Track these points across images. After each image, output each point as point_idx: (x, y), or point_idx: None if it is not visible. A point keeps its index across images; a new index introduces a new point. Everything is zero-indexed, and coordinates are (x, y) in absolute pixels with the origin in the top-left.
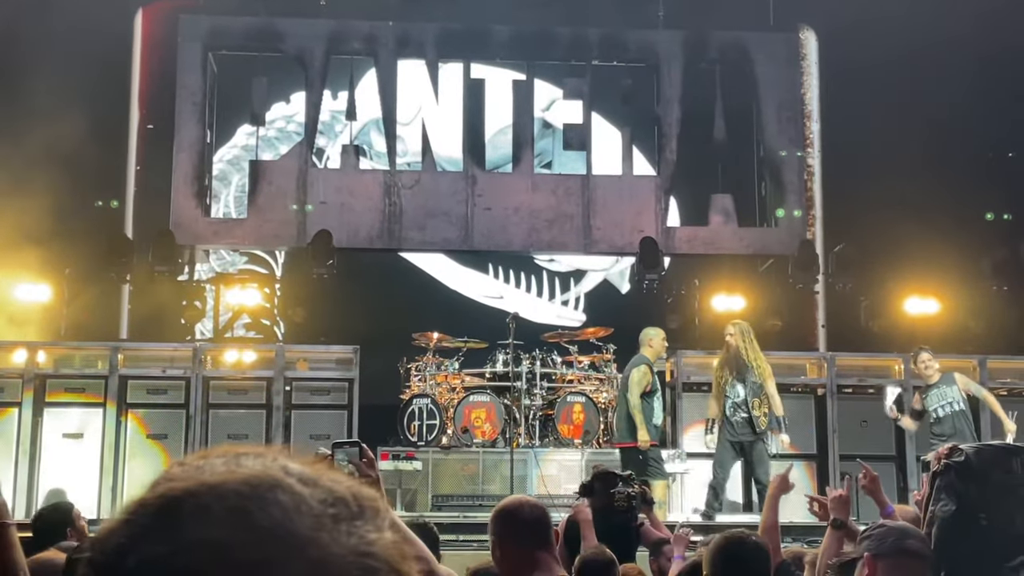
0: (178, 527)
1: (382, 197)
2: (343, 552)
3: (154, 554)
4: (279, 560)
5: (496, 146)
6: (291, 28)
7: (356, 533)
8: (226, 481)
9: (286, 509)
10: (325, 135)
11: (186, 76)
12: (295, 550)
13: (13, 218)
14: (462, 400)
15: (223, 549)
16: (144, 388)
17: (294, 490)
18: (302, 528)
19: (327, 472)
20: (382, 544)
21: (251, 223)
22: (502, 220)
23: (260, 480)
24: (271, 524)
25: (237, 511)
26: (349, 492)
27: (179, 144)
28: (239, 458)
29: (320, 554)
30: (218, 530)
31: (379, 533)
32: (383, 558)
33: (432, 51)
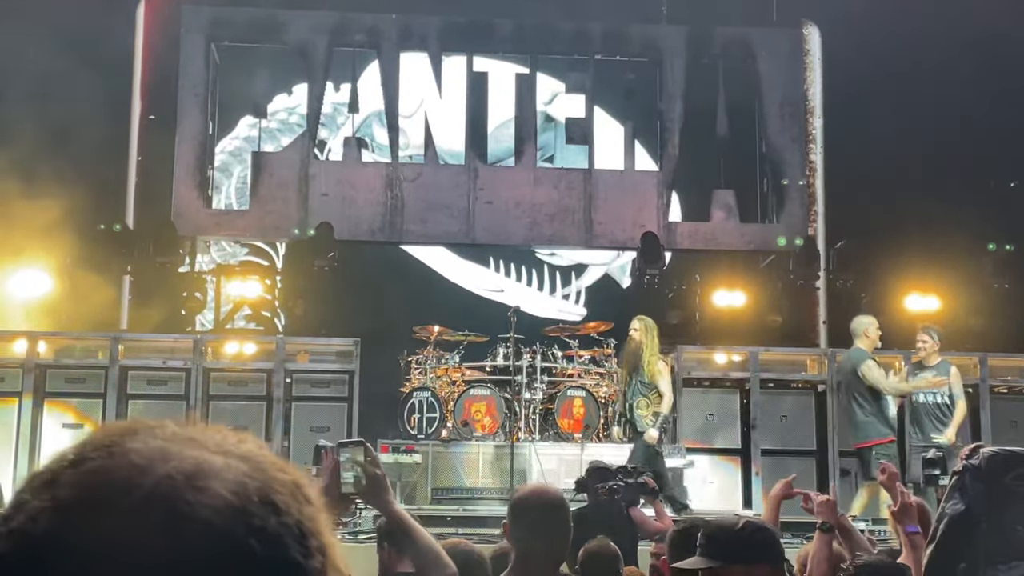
0: (54, 476)
1: (384, 190)
2: (227, 457)
3: (31, 506)
4: (152, 467)
5: (498, 139)
6: (294, 20)
7: (240, 449)
8: (102, 432)
9: (161, 437)
10: (327, 127)
11: (188, 67)
12: (169, 457)
13: (13, 208)
14: (462, 393)
15: (97, 473)
16: (144, 379)
17: (171, 426)
18: (177, 446)
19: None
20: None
21: (252, 215)
22: (504, 214)
23: (137, 424)
24: (143, 446)
25: (108, 445)
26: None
27: (181, 135)
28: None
29: (192, 463)
30: (91, 463)
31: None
32: (259, 485)
33: (435, 44)
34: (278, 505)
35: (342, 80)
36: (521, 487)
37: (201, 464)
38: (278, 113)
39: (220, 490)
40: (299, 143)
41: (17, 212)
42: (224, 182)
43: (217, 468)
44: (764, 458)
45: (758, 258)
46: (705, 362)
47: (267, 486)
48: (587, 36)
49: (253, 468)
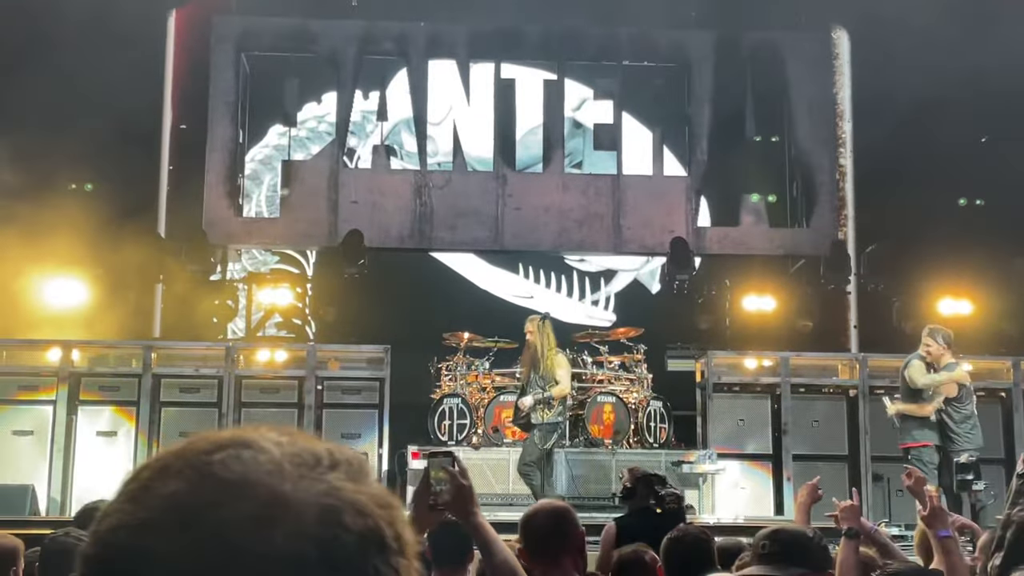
0: (144, 488)
1: (413, 197)
2: (302, 494)
3: (121, 514)
4: (228, 502)
5: (526, 146)
6: (323, 29)
7: (322, 479)
8: (196, 445)
9: (245, 461)
10: (356, 135)
11: (219, 77)
12: (246, 492)
13: (47, 218)
14: (492, 399)
15: (176, 498)
16: (177, 387)
17: (260, 446)
18: (258, 474)
19: (314, 438)
20: (350, 490)
21: (283, 223)
22: (532, 220)
23: (227, 440)
24: (225, 473)
25: (195, 465)
26: (326, 450)
27: (212, 144)
28: (224, 430)
29: (273, 495)
30: (175, 483)
31: (352, 483)
32: (348, 500)
33: (463, 51)
34: (350, 544)
35: (371, 88)
36: (531, 507)
37: (276, 500)
38: (308, 121)
39: (286, 534)
40: (328, 151)
41: (51, 222)
42: (255, 190)
43: (292, 505)
44: (795, 463)
45: (788, 263)
46: (735, 367)
47: (344, 515)
48: (615, 42)
49: (333, 496)
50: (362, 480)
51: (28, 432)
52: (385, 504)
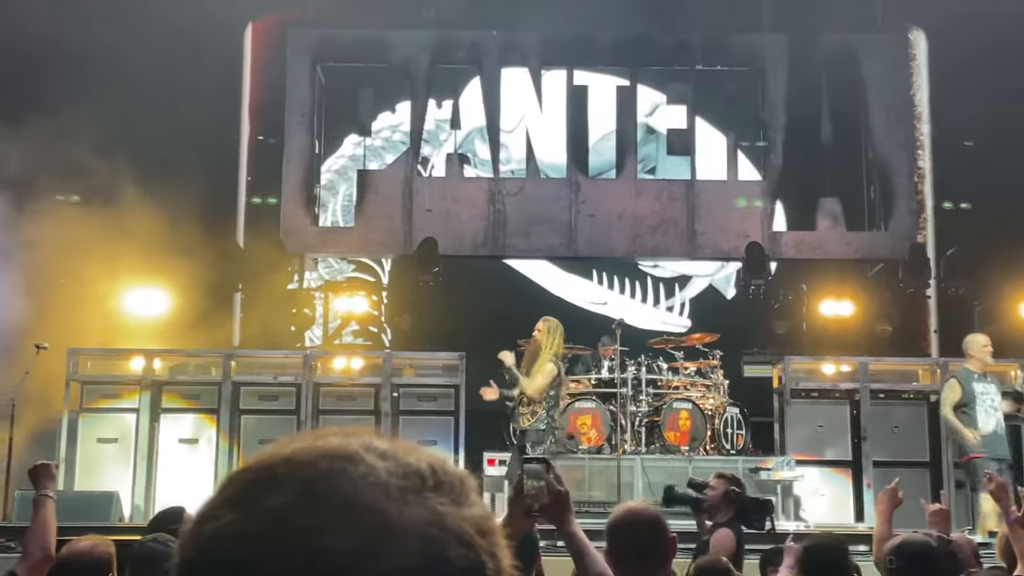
0: (250, 496)
1: (486, 204)
2: (405, 521)
3: (225, 521)
4: (333, 526)
5: (599, 152)
6: (396, 39)
7: (426, 504)
8: (303, 454)
9: (353, 480)
10: (430, 144)
11: (295, 88)
12: (352, 517)
13: (130, 229)
14: (568, 406)
15: (283, 515)
16: (256, 395)
17: (366, 462)
18: (363, 497)
19: (416, 449)
20: (454, 516)
21: (358, 231)
22: (606, 226)
23: (334, 453)
24: (333, 493)
25: (302, 479)
26: (429, 467)
27: (288, 155)
28: (327, 435)
29: (378, 521)
30: (283, 498)
31: (455, 506)
32: (451, 529)
33: (535, 59)
34: (453, 559)
35: (444, 97)
36: (615, 510)
37: (380, 528)
38: (382, 131)
39: (388, 566)
40: (403, 160)
41: (134, 233)
42: (330, 200)
43: (395, 534)
44: (876, 470)
45: (866, 267)
46: (813, 373)
47: (447, 548)
48: (688, 47)
49: (436, 525)
50: (465, 502)
51: (112, 440)
52: (487, 531)
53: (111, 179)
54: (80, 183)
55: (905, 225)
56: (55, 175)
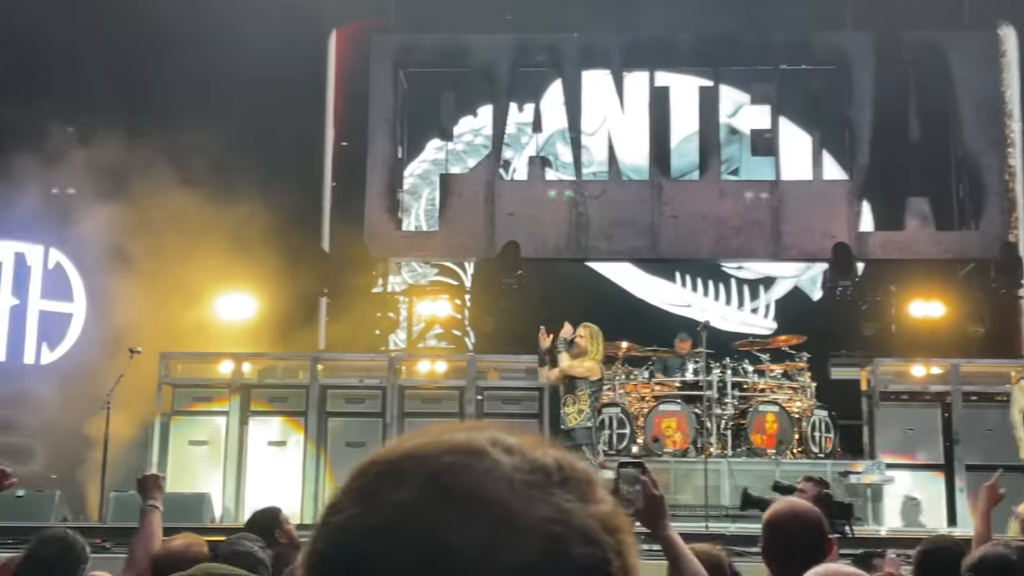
0: (375, 490)
1: (569, 207)
2: (530, 517)
3: (350, 513)
4: (458, 521)
5: (682, 154)
6: (477, 43)
7: (551, 500)
8: (428, 448)
9: (477, 474)
10: (512, 147)
11: (378, 94)
12: (477, 512)
13: (220, 236)
14: (652, 409)
15: (407, 509)
16: (343, 397)
17: (491, 457)
18: (488, 492)
19: (543, 445)
20: (579, 513)
21: (441, 235)
22: (689, 228)
23: (459, 447)
24: (458, 487)
25: (429, 475)
26: (555, 463)
27: (372, 160)
28: (453, 430)
29: (503, 517)
30: (407, 492)
31: (581, 502)
32: (576, 526)
33: (617, 61)
34: (577, 557)
35: (525, 100)
36: (776, 505)
37: (505, 524)
38: (464, 135)
39: (511, 563)
40: (485, 164)
41: (223, 239)
42: (413, 204)
43: (520, 530)
44: (969, 473)
45: (956, 267)
46: (903, 375)
47: (571, 546)
48: (771, 46)
49: (561, 522)
50: (592, 499)
51: (203, 442)
52: (614, 529)
53: (200, 187)
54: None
55: (996, 224)
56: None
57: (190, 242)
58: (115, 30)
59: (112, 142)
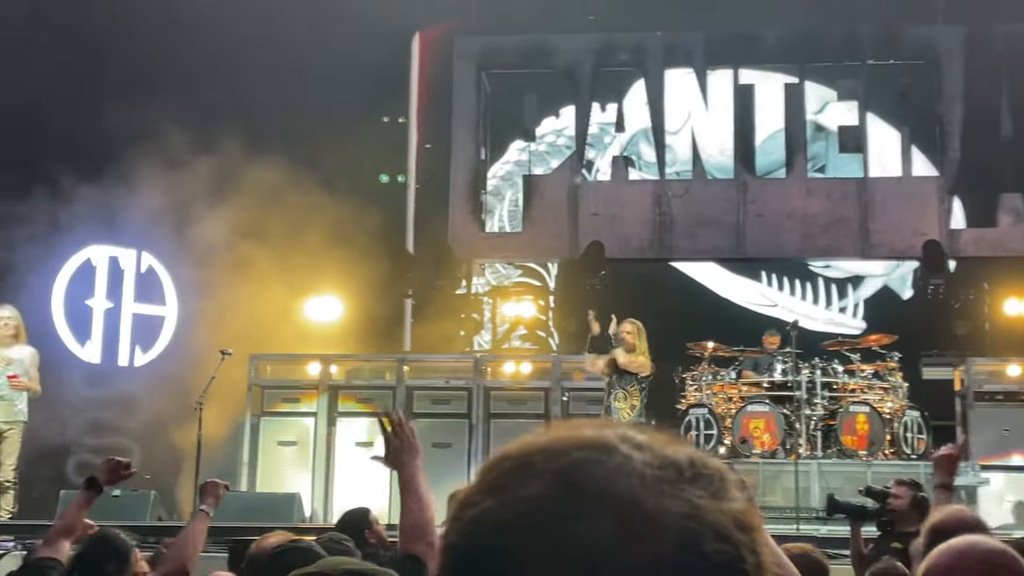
0: (506, 484)
1: (652, 207)
2: (660, 513)
3: (483, 507)
4: (588, 516)
5: (767, 151)
6: (560, 44)
7: (682, 496)
8: (558, 443)
9: (607, 470)
10: (595, 147)
11: (461, 96)
12: (606, 507)
13: (307, 240)
14: (740, 409)
15: (537, 503)
16: (429, 398)
17: (621, 453)
18: (618, 487)
19: (675, 441)
20: (711, 509)
21: (525, 236)
22: (775, 227)
23: (590, 443)
24: (588, 482)
25: (559, 470)
26: (687, 459)
27: (455, 162)
28: (584, 426)
29: (632, 512)
30: (537, 486)
31: (714, 499)
32: (708, 522)
33: (700, 59)
34: (708, 573)
35: (608, 100)
36: (938, 511)
37: (635, 519)
38: (547, 136)
39: (642, 558)
40: (568, 164)
41: (310, 243)
42: (497, 206)
43: (651, 526)
44: None
45: None
46: (997, 375)
47: (704, 542)
48: (857, 41)
49: (693, 518)
50: (724, 495)
51: (292, 443)
52: (747, 526)
53: (286, 191)
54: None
55: None
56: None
57: (279, 245)
58: (201, 34)
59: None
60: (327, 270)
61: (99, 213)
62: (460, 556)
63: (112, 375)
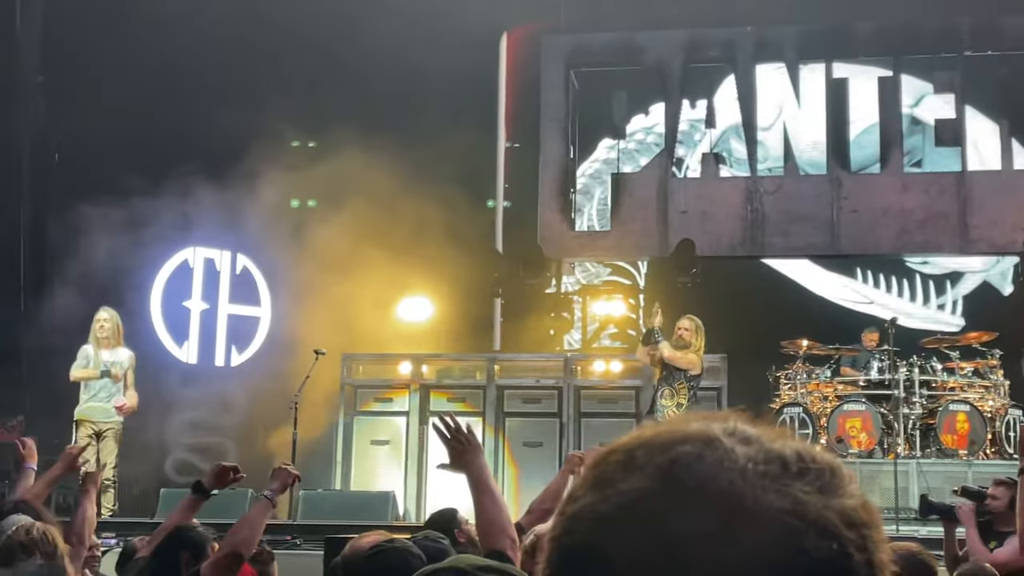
0: (609, 479)
1: (743, 204)
2: (761, 508)
3: (585, 502)
4: (686, 511)
5: (861, 146)
6: (649, 41)
7: (786, 491)
8: (663, 437)
9: (708, 464)
10: (684, 144)
11: (549, 95)
12: (704, 502)
13: (397, 241)
14: (835, 408)
15: (637, 497)
16: (519, 397)
17: (724, 447)
18: (718, 482)
19: (784, 436)
20: (817, 506)
21: (614, 235)
22: (870, 222)
23: (694, 437)
24: (688, 477)
25: (658, 463)
26: (794, 453)
27: (544, 161)
28: (690, 419)
29: (731, 507)
30: (638, 481)
31: (821, 494)
32: (812, 519)
33: (792, 53)
34: (810, 571)
35: (698, 96)
36: None
37: (734, 514)
38: (636, 133)
39: (741, 553)
40: (657, 162)
41: (401, 244)
42: (586, 204)
43: (750, 521)
44: None
45: None
46: None
47: (805, 538)
48: (955, 32)
49: (795, 514)
50: (834, 491)
51: (384, 442)
52: (858, 522)
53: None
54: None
55: None
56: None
57: (368, 246)
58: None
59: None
60: (418, 270)
61: (196, 215)
62: (561, 551)
63: (208, 375)
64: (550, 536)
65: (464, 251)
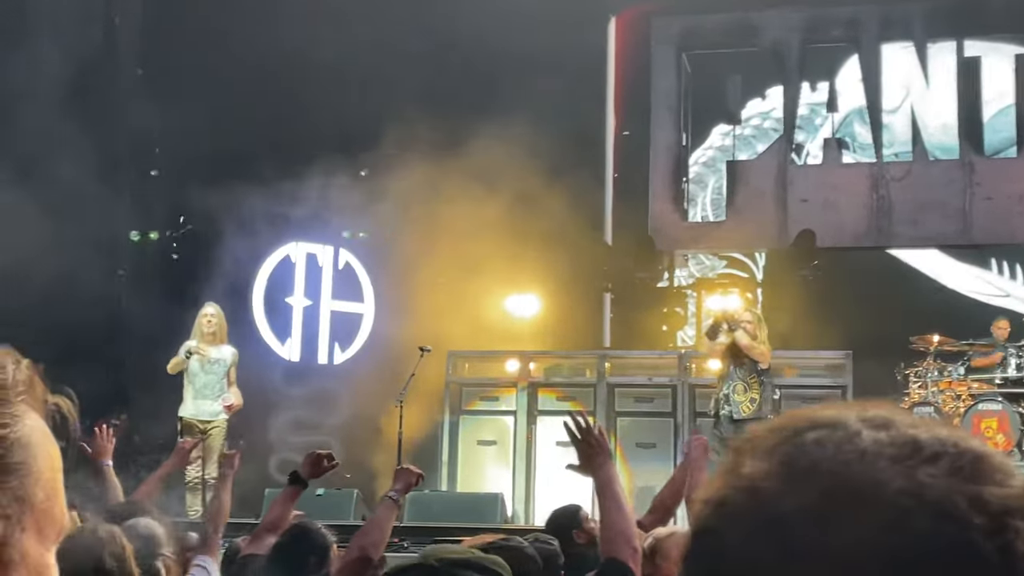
0: (737, 464)
1: (868, 192)
2: (873, 487)
3: (714, 488)
4: (790, 492)
5: (996, 129)
6: (765, 21)
7: (907, 473)
8: (794, 422)
9: (823, 445)
10: (804, 130)
11: (660, 79)
12: (810, 482)
13: (503, 237)
14: (969, 408)
15: (752, 482)
16: (631, 396)
17: (848, 429)
18: (831, 462)
19: (936, 426)
20: (940, 488)
21: (729, 225)
22: (1006, 210)
23: (823, 422)
24: (802, 458)
25: (781, 447)
26: (934, 439)
27: (655, 149)
28: (834, 406)
29: (837, 487)
30: (758, 464)
31: (953, 478)
32: (931, 501)
33: (920, 31)
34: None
35: (818, 79)
36: None
37: (836, 493)
38: (752, 119)
39: (839, 534)
40: (775, 148)
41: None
42: (699, 194)
43: (855, 500)
44: None
45: None
46: None
47: (915, 519)
48: None
49: (910, 494)
50: (973, 477)
51: (491, 442)
52: (996, 510)
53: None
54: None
55: None
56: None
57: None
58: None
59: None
60: (525, 265)
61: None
62: (693, 537)
63: (312, 373)
64: (694, 524)
65: (572, 244)
